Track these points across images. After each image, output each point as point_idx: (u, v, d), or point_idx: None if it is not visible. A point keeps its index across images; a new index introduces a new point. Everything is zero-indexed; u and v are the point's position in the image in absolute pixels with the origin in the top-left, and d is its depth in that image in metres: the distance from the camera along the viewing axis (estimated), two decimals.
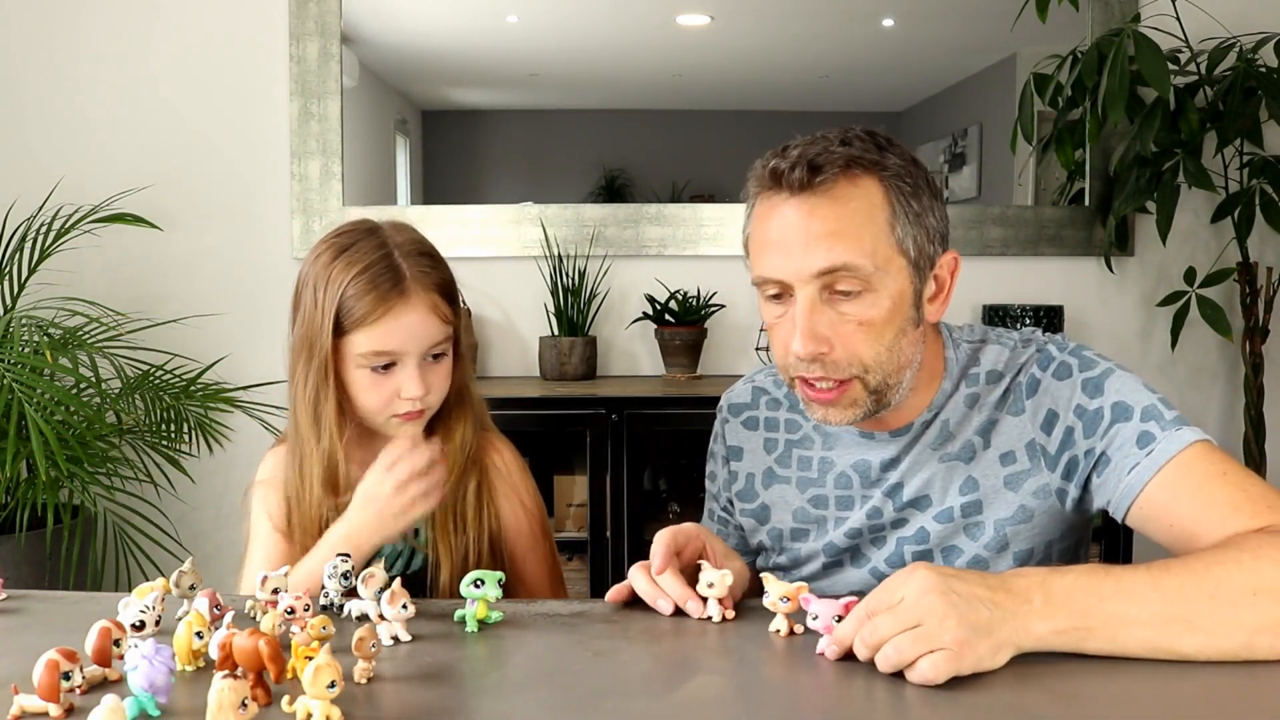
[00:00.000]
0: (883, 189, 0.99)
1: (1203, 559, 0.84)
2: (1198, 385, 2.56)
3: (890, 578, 0.82)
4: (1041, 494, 1.04)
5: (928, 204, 1.01)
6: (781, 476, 1.18)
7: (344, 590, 0.97)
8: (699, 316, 2.45)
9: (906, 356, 1.03)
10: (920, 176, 1.02)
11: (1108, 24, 2.44)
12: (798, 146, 1.01)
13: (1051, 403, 1.04)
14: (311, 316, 1.14)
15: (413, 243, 1.17)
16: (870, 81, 2.66)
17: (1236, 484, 0.93)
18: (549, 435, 2.40)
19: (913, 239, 1.00)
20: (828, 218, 0.98)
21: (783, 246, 0.99)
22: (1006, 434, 1.06)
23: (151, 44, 2.49)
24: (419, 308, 1.13)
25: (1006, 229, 2.54)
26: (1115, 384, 1.02)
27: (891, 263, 0.99)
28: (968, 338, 1.11)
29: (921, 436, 1.08)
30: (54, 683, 0.72)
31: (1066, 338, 1.10)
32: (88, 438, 2.06)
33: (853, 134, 1.01)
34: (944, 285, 1.06)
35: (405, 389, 1.13)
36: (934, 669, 0.75)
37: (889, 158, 1.00)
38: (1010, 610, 0.79)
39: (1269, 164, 2.23)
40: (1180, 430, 0.97)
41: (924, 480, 1.08)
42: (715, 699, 0.79)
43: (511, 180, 2.69)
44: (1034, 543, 1.06)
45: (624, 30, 2.58)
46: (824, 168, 0.98)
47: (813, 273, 0.98)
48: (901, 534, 1.09)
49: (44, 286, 2.29)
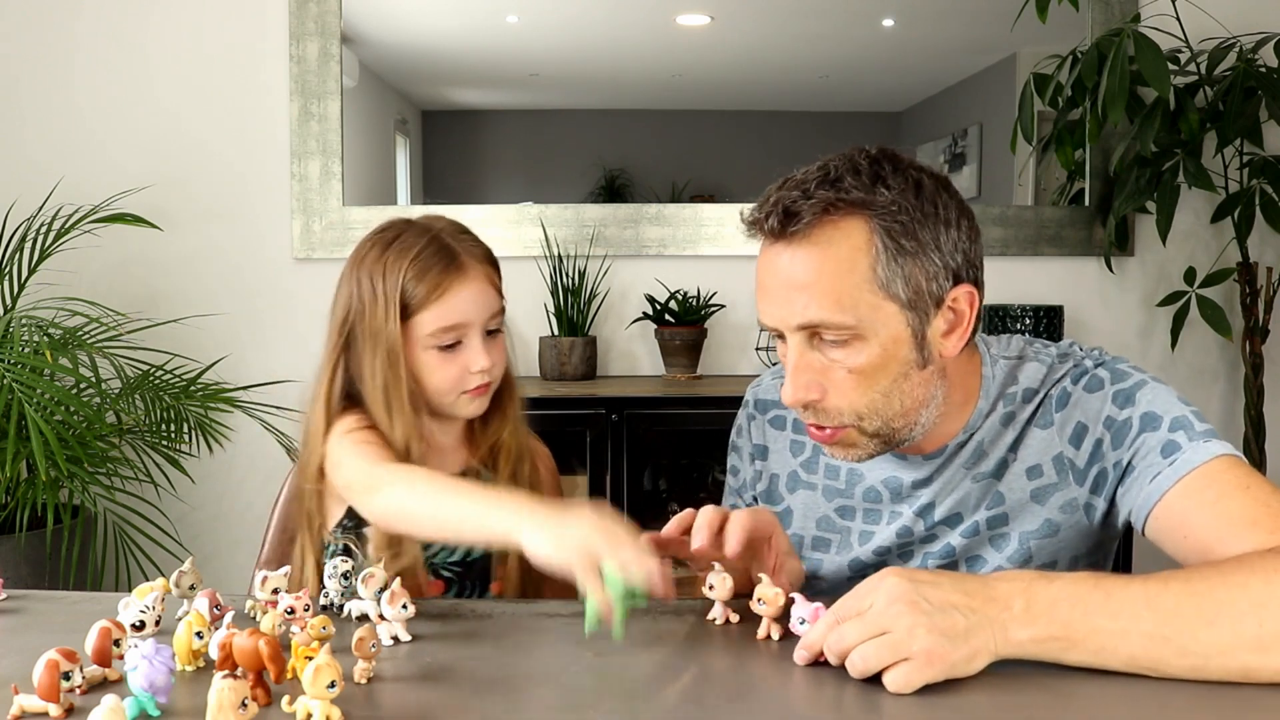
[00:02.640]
0: (866, 231, 0.93)
1: (1208, 578, 0.80)
2: (1198, 385, 2.56)
3: (861, 583, 0.81)
4: (1069, 509, 1.02)
5: (930, 239, 0.95)
6: (807, 482, 1.16)
7: (344, 590, 0.97)
8: (699, 316, 2.45)
9: (914, 399, 0.98)
10: (923, 208, 0.95)
11: (1108, 24, 2.44)
12: (780, 188, 0.96)
13: (1081, 415, 1.01)
14: (373, 310, 1.17)
15: (451, 225, 1.22)
16: (870, 81, 2.66)
17: (1259, 499, 0.89)
18: (549, 435, 2.37)
19: (904, 281, 0.94)
20: (806, 267, 0.94)
21: (768, 294, 0.97)
22: (1033, 447, 1.03)
23: (151, 44, 2.49)
24: (478, 278, 1.19)
25: (1006, 229, 2.54)
26: (1147, 395, 0.99)
27: (879, 310, 0.94)
28: (1005, 353, 1.07)
29: (955, 458, 1.06)
30: (54, 683, 0.72)
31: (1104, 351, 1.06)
32: (88, 438, 2.06)
33: (849, 166, 0.95)
34: (963, 318, 0.99)
35: (474, 362, 1.18)
36: (904, 678, 0.75)
37: (880, 193, 0.93)
38: (988, 616, 0.77)
39: (1269, 164, 2.23)
40: (1208, 442, 0.94)
41: (957, 500, 1.06)
42: (715, 699, 0.79)
43: (511, 180, 2.69)
44: (1059, 556, 1.04)
45: (624, 30, 2.58)
46: (799, 214, 0.93)
47: (792, 326, 0.96)
48: (929, 550, 1.08)
49: (44, 286, 2.29)
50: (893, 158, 0.97)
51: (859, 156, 0.97)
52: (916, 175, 0.97)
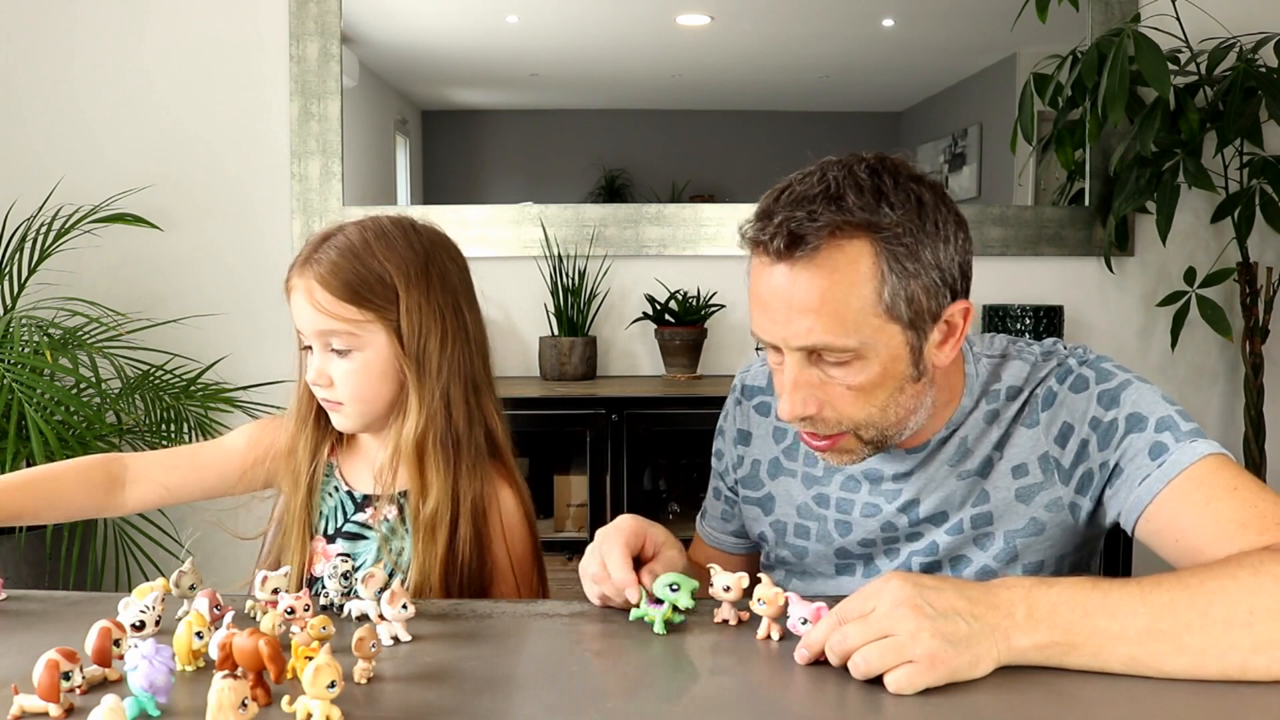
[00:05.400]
0: (872, 252, 0.92)
1: (1198, 574, 0.81)
2: (1198, 385, 2.56)
3: (865, 586, 0.81)
4: (1054, 507, 1.03)
5: (931, 258, 0.95)
6: (788, 469, 1.17)
7: (344, 591, 0.97)
8: (699, 316, 2.45)
9: (907, 408, 0.99)
10: (924, 228, 0.94)
11: (1108, 24, 2.44)
12: (778, 202, 0.95)
13: (1067, 415, 1.01)
14: None
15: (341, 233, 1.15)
16: (870, 81, 2.66)
17: (1247, 500, 0.90)
18: (549, 435, 2.40)
19: (906, 301, 0.94)
20: (810, 290, 0.92)
21: (769, 311, 0.96)
22: (1019, 446, 1.04)
23: (152, 45, 2.49)
24: (302, 291, 1.12)
25: (1006, 229, 2.54)
26: (1132, 395, 0.99)
27: (882, 331, 0.94)
28: (988, 352, 1.08)
29: (938, 454, 1.06)
30: (54, 683, 0.72)
31: (1088, 349, 1.06)
32: (88, 438, 2.06)
33: (851, 181, 0.94)
34: (956, 330, 1.00)
35: (307, 371, 1.15)
36: (907, 681, 0.75)
37: (885, 212, 0.93)
38: (991, 624, 0.78)
39: (1269, 164, 2.23)
40: (1195, 443, 0.94)
41: (942, 498, 1.06)
42: (715, 699, 0.79)
43: (511, 180, 2.69)
44: (1045, 555, 1.05)
45: (624, 30, 2.58)
46: (806, 237, 0.91)
47: (794, 346, 0.95)
48: (914, 547, 1.08)
49: (44, 286, 2.29)
50: (892, 170, 0.96)
51: (858, 168, 0.95)
52: (917, 190, 0.96)
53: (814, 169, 0.97)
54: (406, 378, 1.13)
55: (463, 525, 1.14)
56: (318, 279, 1.11)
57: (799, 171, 0.98)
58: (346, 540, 1.18)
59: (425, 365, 1.12)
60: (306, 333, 1.14)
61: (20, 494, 1.14)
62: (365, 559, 1.18)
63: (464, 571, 1.14)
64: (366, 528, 1.18)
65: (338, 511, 1.20)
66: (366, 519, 1.18)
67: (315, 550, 1.19)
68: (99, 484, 1.21)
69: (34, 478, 1.17)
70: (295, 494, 1.20)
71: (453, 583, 1.14)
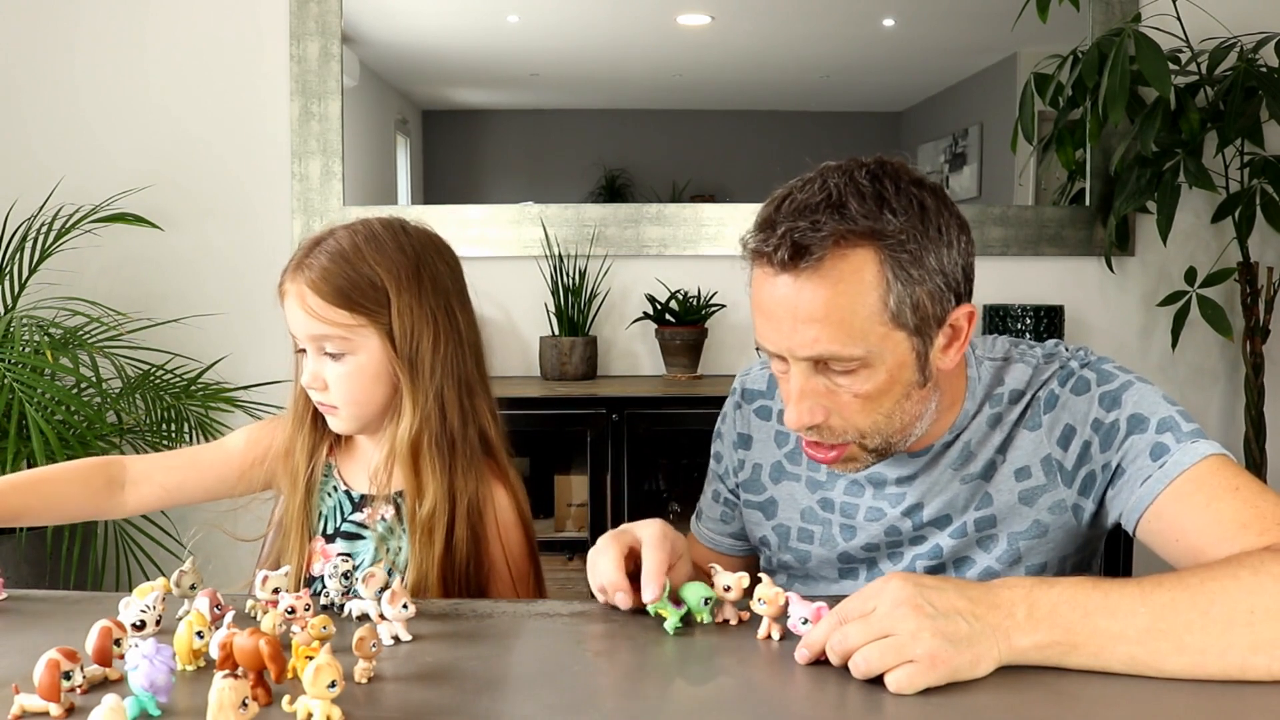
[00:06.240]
0: (877, 260, 0.92)
1: (1199, 574, 0.81)
2: (1198, 385, 2.56)
3: (866, 586, 0.81)
4: (1057, 509, 1.03)
5: (935, 263, 0.94)
6: (791, 473, 1.16)
7: (344, 590, 0.97)
8: (699, 316, 2.45)
9: (912, 414, 0.99)
10: (928, 234, 0.94)
11: (1108, 24, 2.44)
12: (780, 211, 0.94)
13: (1069, 418, 1.02)
14: None
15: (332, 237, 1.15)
16: (870, 81, 2.66)
17: (1248, 500, 0.90)
18: (549, 435, 2.40)
19: (911, 307, 0.94)
20: (815, 301, 0.92)
21: (773, 321, 0.95)
22: (1022, 449, 1.04)
23: (152, 44, 2.49)
24: (293, 295, 1.14)
25: (1007, 229, 2.54)
26: (1133, 396, 0.99)
27: (887, 339, 0.94)
28: (990, 355, 1.08)
29: (942, 457, 1.06)
30: (54, 682, 0.72)
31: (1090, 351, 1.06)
32: (88, 437, 2.06)
33: (852, 188, 0.93)
34: (960, 334, 0.99)
35: (302, 373, 1.16)
36: (907, 681, 0.75)
37: (888, 219, 0.92)
38: (992, 624, 0.78)
39: (1269, 164, 2.23)
40: (1196, 443, 0.94)
41: (946, 501, 1.06)
42: (715, 699, 0.79)
43: (512, 180, 2.69)
44: (1048, 557, 1.05)
45: (624, 30, 2.58)
46: (810, 247, 0.91)
47: (800, 357, 0.95)
48: (917, 550, 1.08)
49: (44, 286, 2.29)
50: (893, 175, 0.96)
51: (859, 174, 0.95)
52: (919, 195, 0.95)
53: (814, 176, 0.96)
54: (400, 380, 1.13)
55: (459, 526, 1.14)
56: (309, 284, 1.12)
57: (799, 179, 0.97)
58: (345, 540, 1.19)
59: (418, 367, 1.13)
60: (300, 337, 1.15)
61: (20, 495, 1.14)
62: (364, 559, 1.18)
63: (461, 572, 1.14)
64: (364, 528, 1.18)
65: (337, 511, 1.20)
66: (364, 519, 1.18)
67: (314, 550, 1.20)
68: (99, 486, 1.21)
69: (34, 479, 1.17)
70: (294, 494, 1.20)
71: (450, 583, 1.14)
